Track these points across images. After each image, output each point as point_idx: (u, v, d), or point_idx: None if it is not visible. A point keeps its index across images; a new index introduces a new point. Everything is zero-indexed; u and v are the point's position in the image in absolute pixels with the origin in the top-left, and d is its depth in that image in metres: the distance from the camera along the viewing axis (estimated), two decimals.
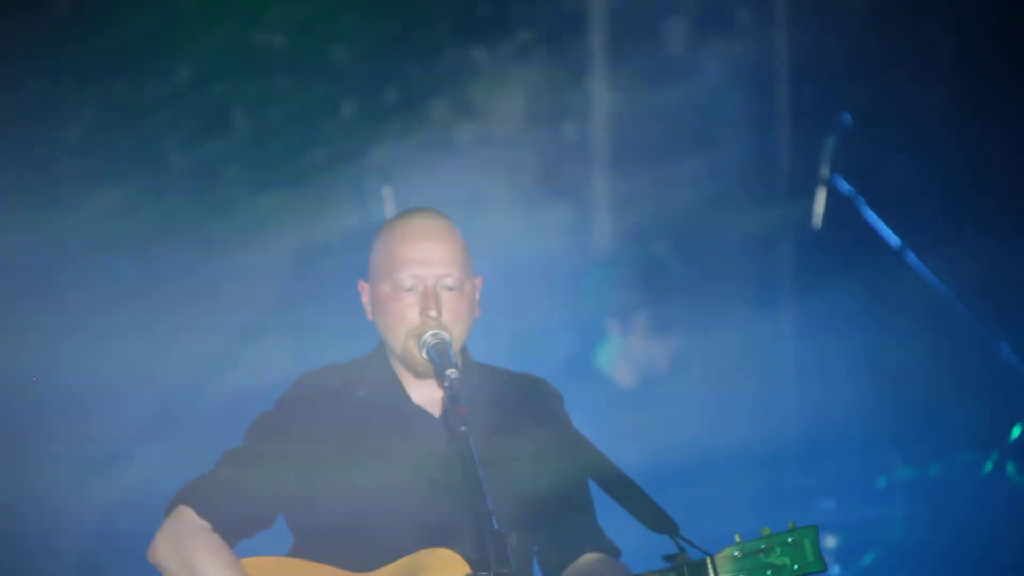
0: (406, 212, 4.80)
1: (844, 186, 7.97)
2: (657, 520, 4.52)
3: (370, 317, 4.74)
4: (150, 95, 7.65)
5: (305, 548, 4.62)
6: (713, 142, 8.59)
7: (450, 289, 4.66)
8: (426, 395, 4.70)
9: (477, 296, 4.77)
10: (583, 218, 8.53)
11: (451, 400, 4.38)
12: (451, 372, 4.45)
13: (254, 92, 7.87)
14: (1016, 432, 7.55)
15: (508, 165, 8.36)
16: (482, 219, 8.25)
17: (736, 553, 4.46)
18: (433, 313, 4.61)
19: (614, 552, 4.73)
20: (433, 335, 4.58)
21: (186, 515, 4.57)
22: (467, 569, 4.46)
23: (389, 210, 7.47)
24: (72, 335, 7.19)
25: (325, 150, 7.95)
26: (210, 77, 7.74)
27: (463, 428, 4.33)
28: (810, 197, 8.11)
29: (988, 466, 7.56)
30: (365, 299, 4.75)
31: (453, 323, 4.63)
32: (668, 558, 4.45)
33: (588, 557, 4.68)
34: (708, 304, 8.35)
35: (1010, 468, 7.55)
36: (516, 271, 8.26)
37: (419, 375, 4.66)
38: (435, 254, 4.66)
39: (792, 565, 4.47)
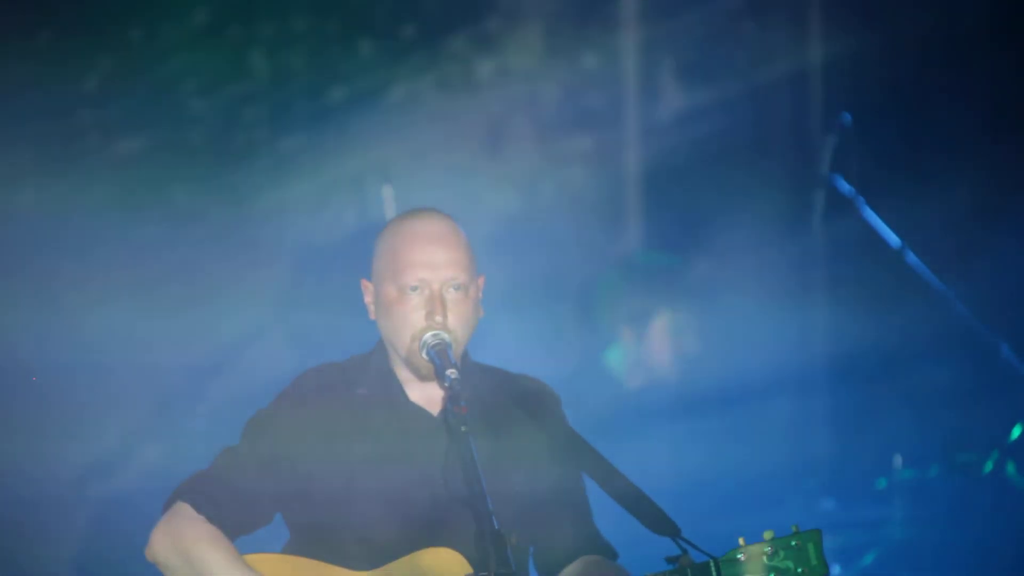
0: (410, 213, 4.78)
1: (844, 186, 7.87)
2: (658, 522, 4.52)
3: (372, 316, 4.74)
4: (166, 41, 7.58)
5: (302, 546, 4.65)
6: (740, 67, 8.47)
7: (456, 290, 4.65)
8: (425, 394, 4.72)
9: (480, 296, 4.75)
10: (607, 148, 8.45)
11: (451, 400, 4.39)
12: (451, 372, 4.46)
13: (271, 33, 7.79)
14: (1016, 432, 7.51)
15: (529, 97, 8.27)
16: (504, 152, 8.20)
17: (740, 556, 4.46)
18: (439, 318, 4.61)
19: (610, 554, 4.75)
20: (433, 335, 4.58)
21: (185, 511, 4.59)
22: (468, 568, 4.48)
23: (389, 210, 7.42)
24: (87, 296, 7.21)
25: (344, 89, 7.88)
26: (226, 20, 7.66)
27: (463, 428, 4.34)
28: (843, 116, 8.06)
29: (988, 466, 7.53)
30: (368, 299, 4.75)
31: (458, 326, 4.64)
32: (671, 560, 4.46)
33: (584, 559, 4.70)
34: (735, 230, 8.31)
35: (1010, 468, 7.52)
36: (539, 203, 8.24)
37: (423, 377, 4.67)
38: (441, 258, 4.65)
39: (796, 568, 4.47)
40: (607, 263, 8.27)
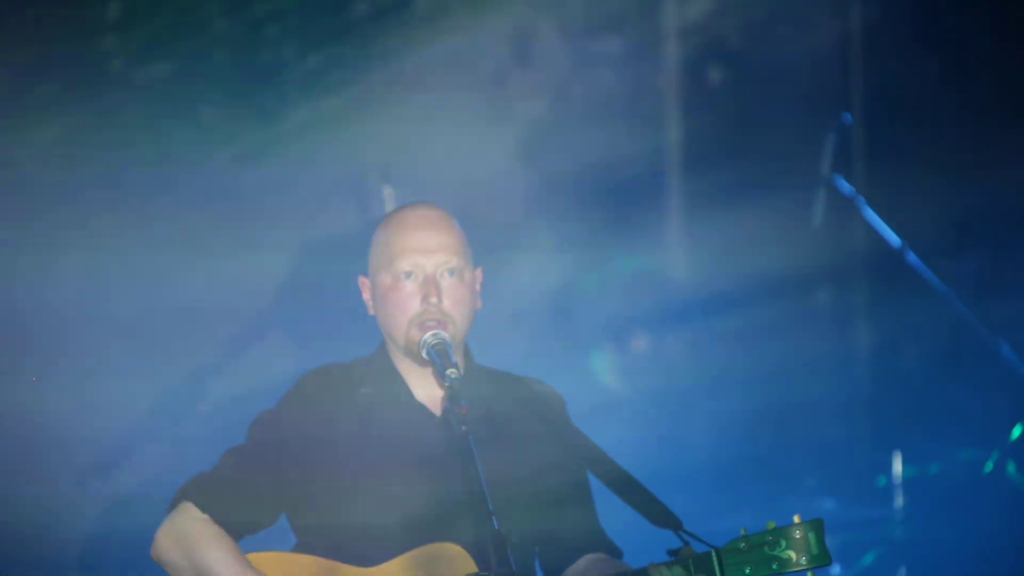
0: (403, 206, 4.79)
1: (844, 186, 7.73)
2: (661, 516, 4.54)
3: (371, 311, 4.76)
4: None
5: (306, 546, 4.68)
6: None
7: (450, 275, 4.65)
8: (429, 393, 4.73)
9: (478, 287, 4.75)
10: (636, 49, 8.33)
11: (451, 400, 4.40)
12: (451, 372, 4.46)
13: None
14: (1016, 432, 7.45)
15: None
16: (531, 56, 8.12)
17: (742, 546, 4.47)
18: (434, 300, 4.62)
19: (615, 552, 4.77)
20: (433, 335, 4.59)
21: (189, 511, 4.62)
22: (472, 563, 4.52)
23: (389, 208, 7.35)
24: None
25: (368, 2, 7.79)
26: None
27: (463, 428, 4.36)
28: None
29: (988, 466, 7.48)
30: (366, 295, 4.77)
31: (454, 309, 4.65)
32: (673, 552, 4.48)
33: (589, 557, 4.72)
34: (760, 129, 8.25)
35: (1010, 468, 7.48)
36: (567, 106, 8.17)
37: (423, 363, 4.67)
38: (433, 242, 4.67)
39: (798, 558, 4.48)
40: (637, 167, 8.23)
